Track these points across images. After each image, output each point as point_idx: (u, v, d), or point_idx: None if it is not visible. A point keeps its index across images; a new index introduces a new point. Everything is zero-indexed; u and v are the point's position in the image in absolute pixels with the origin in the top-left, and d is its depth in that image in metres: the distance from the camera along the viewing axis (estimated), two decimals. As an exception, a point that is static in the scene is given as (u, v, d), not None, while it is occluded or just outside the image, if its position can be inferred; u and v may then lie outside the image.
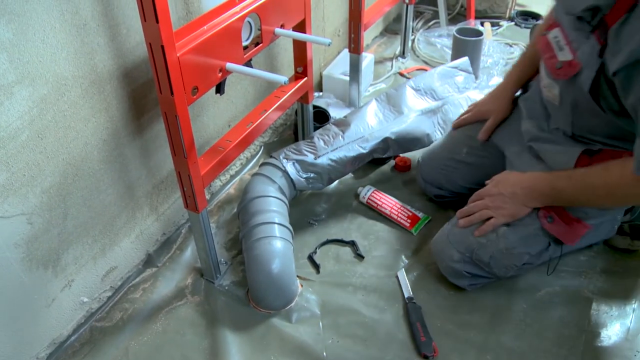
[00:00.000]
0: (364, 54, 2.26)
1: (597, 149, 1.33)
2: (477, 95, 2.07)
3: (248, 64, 1.41)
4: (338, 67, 2.38)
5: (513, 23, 3.16)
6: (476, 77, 2.37)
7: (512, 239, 1.41)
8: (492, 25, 3.08)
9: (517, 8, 3.27)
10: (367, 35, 2.85)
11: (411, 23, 2.72)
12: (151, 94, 1.42)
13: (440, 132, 1.92)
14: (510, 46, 2.88)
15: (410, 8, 2.62)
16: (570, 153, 1.35)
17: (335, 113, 2.11)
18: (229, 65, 1.28)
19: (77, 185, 1.30)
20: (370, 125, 1.83)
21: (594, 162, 1.34)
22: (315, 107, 2.04)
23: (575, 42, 1.19)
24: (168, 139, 1.23)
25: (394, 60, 2.74)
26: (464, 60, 2.15)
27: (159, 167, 1.57)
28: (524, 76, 1.61)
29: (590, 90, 1.16)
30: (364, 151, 1.78)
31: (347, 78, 2.25)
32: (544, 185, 1.31)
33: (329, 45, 1.43)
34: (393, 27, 3.09)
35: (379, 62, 2.72)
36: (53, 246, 1.29)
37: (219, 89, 1.40)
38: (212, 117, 1.73)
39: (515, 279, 1.56)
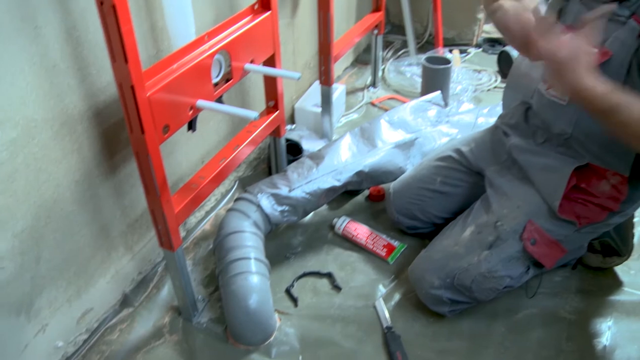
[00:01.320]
0: (335, 85, 2.29)
1: (585, 164, 1.35)
2: (449, 129, 2.11)
3: (219, 100, 1.42)
4: (310, 99, 2.40)
5: (480, 49, 3.23)
6: (446, 104, 2.40)
7: (493, 262, 1.42)
8: (460, 52, 3.14)
9: (484, 35, 3.35)
10: (338, 67, 2.88)
11: (381, 53, 2.76)
12: (123, 132, 1.42)
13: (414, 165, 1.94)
14: (479, 72, 2.94)
15: (379, 38, 2.67)
16: (561, 172, 1.36)
17: (309, 145, 2.12)
18: (200, 103, 1.28)
19: (49, 227, 1.28)
20: (344, 158, 1.85)
21: (579, 181, 1.36)
22: (288, 140, 2.05)
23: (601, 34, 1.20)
24: (140, 178, 1.23)
25: (365, 91, 2.78)
26: (437, 94, 2.19)
27: (133, 205, 1.56)
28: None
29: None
30: (338, 184, 1.79)
31: (320, 110, 2.27)
32: (605, 91, 1.08)
33: (298, 79, 1.45)
34: (363, 58, 3.13)
35: (350, 92, 2.75)
36: (26, 291, 1.27)
37: (191, 126, 1.41)
38: (185, 154, 1.73)
39: (494, 303, 1.57)
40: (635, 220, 1.67)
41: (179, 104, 1.23)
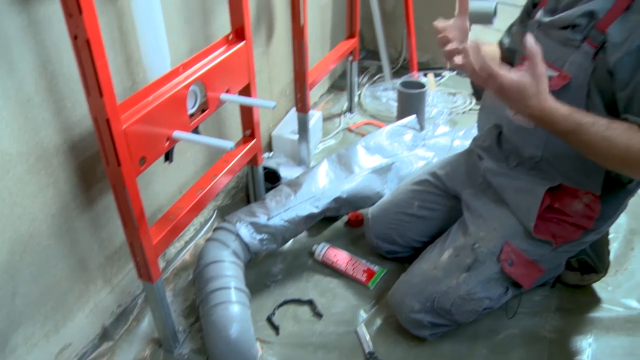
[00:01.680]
0: (311, 112, 2.31)
1: (557, 185, 1.37)
2: (425, 152, 2.13)
3: (195, 130, 1.43)
4: (287, 127, 2.41)
5: (455, 72, 3.27)
6: (422, 128, 2.43)
7: (472, 284, 1.43)
8: (435, 76, 3.18)
9: (458, 58, 3.38)
10: (314, 93, 2.90)
11: (356, 79, 2.79)
12: (100, 165, 1.42)
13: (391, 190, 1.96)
14: (454, 95, 2.98)
15: (354, 65, 2.70)
16: (534, 193, 1.38)
17: (286, 173, 2.13)
18: (176, 134, 1.29)
19: (25, 262, 1.27)
20: (322, 184, 1.86)
21: (553, 201, 1.39)
22: (265, 168, 2.05)
23: (560, 59, 1.25)
24: (118, 210, 1.23)
25: (341, 116, 2.80)
26: (412, 119, 2.22)
27: (111, 238, 1.55)
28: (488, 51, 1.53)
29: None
30: (316, 210, 1.80)
31: (297, 137, 2.29)
32: (567, 113, 1.14)
33: (273, 108, 1.46)
34: (339, 84, 3.16)
35: (327, 118, 2.77)
36: (1, 327, 1.25)
37: (168, 157, 1.41)
38: (163, 185, 1.73)
39: (475, 325, 1.57)
40: (610, 236, 1.69)
41: (155, 136, 1.24)
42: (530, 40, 1.07)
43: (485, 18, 3.47)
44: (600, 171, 1.31)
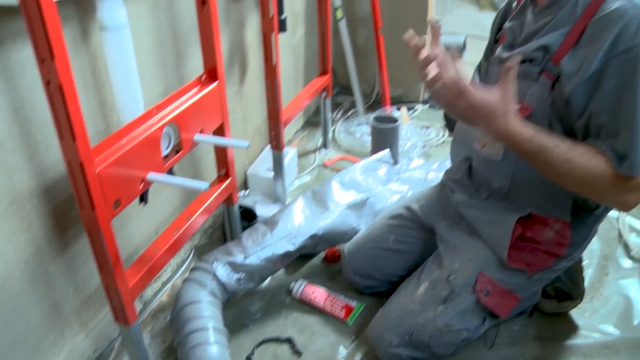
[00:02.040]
0: (286, 149, 2.33)
1: (527, 214, 1.40)
2: (400, 186, 2.15)
3: (170, 171, 1.44)
4: (262, 164, 2.43)
5: (427, 106, 3.33)
6: (396, 162, 2.46)
7: (449, 316, 1.44)
8: (408, 109, 3.23)
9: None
10: (289, 130, 2.93)
11: (330, 115, 2.83)
12: (74, 208, 1.41)
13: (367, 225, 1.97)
14: (427, 128, 3.02)
15: (328, 101, 2.74)
16: (505, 223, 1.41)
17: (263, 211, 2.13)
18: (150, 176, 1.29)
19: (-2, 309, 1.26)
20: (298, 222, 1.87)
21: (524, 230, 1.41)
22: (241, 206, 2.06)
23: (520, 91, 1.26)
24: (93, 253, 1.22)
25: (316, 152, 2.82)
26: (385, 153, 2.25)
27: (86, 281, 1.54)
28: None
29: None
30: (293, 248, 1.80)
31: (272, 175, 2.30)
32: (532, 134, 1.17)
33: (247, 148, 1.47)
34: (314, 120, 3.19)
35: (302, 155, 2.79)
36: (-26, 377, 1.23)
37: (143, 199, 1.41)
38: (138, 227, 1.72)
39: (454, 357, 1.57)
40: (584, 263, 1.72)
41: (129, 178, 1.24)
42: (509, 62, 1.10)
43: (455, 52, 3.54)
44: (568, 198, 1.34)
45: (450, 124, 2.98)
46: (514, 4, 1.45)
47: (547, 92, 1.23)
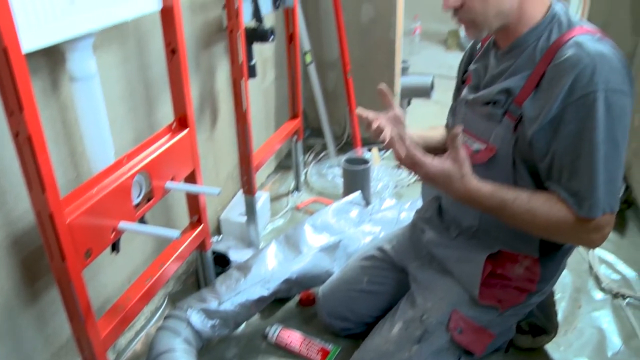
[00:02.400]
0: (258, 193, 2.33)
1: (496, 251, 1.42)
2: (372, 228, 2.17)
3: (142, 220, 1.43)
4: (235, 209, 2.43)
5: (397, 148, 3.35)
6: (368, 203, 2.48)
7: (424, 356, 1.44)
8: (379, 150, 3.26)
9: (399, 133, 3.48)
10: (261, 174, 2.94)
11: (302, 158, 2.85)
12: (44, 259, 1.40)
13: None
14: (398, 168, 3.05)
15: (299, 144, 2.76)
16: (475, 261, 1.43)
17: (236, 256, 2.13)
18: (122, 225, 1.29)
19: (-35, 365, 1.23)
20: (271, 266, 1.87)
21: (494, 267, 1.43)
22: (215, 252, 2.05)
23: (485, 132, 1.33)
24: (63, 304, 1.21)
25: (289, 196, 2.83)
26: (357, 195, 2.27)
27: (57, 333, 1.51)
28: (429, 135, 1.63)
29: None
30: (267, 293, 1.80)
31: (245, 219, 2.30)
32: (491, 191, 1.23)
33: (218, 194, 1.48)
34: (286, 163, 3.21)
35: (275, 198, 2.80)
36: None
37: (115, 248, 1.40)
38: (111, 275, 1.70)
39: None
40: (557, 297, 1.74)
41: (100, 228, 1.23)
42: (454, 130, 1.15)
43: (423, 92, 3.63)
44: (534, 235, 1.37)
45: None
46: (478, 47, 1.49)
47: (510, 133, 1.27)
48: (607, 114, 1.13)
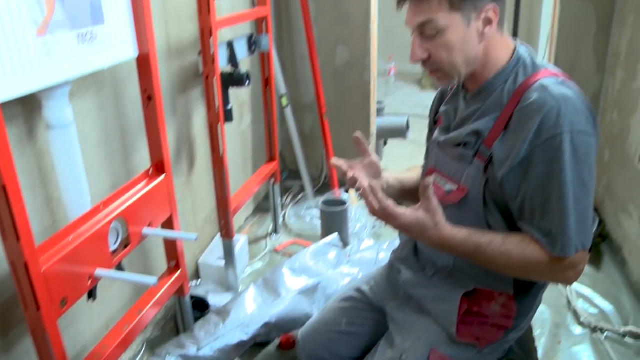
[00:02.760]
0: (236, 237, 2.33)
1: (472, 289, 1.42)
2: (350, 269, 2.17)
3: (119, 266, 1.43)
4: (214, 253, 2.42)
5: (373, 188, 3.38)
6: (346, 244, 2.48)
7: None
8: (357, 191, 3.27)
9: (376, 174, 3.52)
10: (239, 217, 2.94)
11: (279, 200, 2.86)
12: (18, 308, 1.38)
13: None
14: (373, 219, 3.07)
15: (277, 187, 2.78)
16: (451, 299, 1.43)
17: (215, 300, 2.12)
18: (98, 272, 1.28)
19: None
20: (250, 311, 1.87)
21: (471, 305, 1.43)
22: (193, 296, 2.04)
23: (457, 173, 1.35)
24: (38, 355, 1.19)
25: (267, 238, 2.83)
26: (334, 237, 2.28)
27: (32, 385, 1.48)
28: (406, 178, 1.64)
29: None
30: (246, 337, 1.79)
31: (223, 263, 2.29)
32: (465, 236, 1.25)
33: (195, 240, 1.48)
34: (264, 205, 3.21)
35: (253, 241, 2.80)
36: None
37: (91, 295, 1.39)
38: (87, 323, 1.68)
39: None
40: (536, 333, 1.75)
41: (76, 276, 1.23)
42: (425, 180, 1.18)
43: (399, 132, 3.68)
44: None
45: (398, 203, 3.04)
46: (449, 89, 1.53)
47: (480, 174, 1.30)
48: (573, 154, 1.16)
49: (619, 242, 2.51)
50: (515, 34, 3.22)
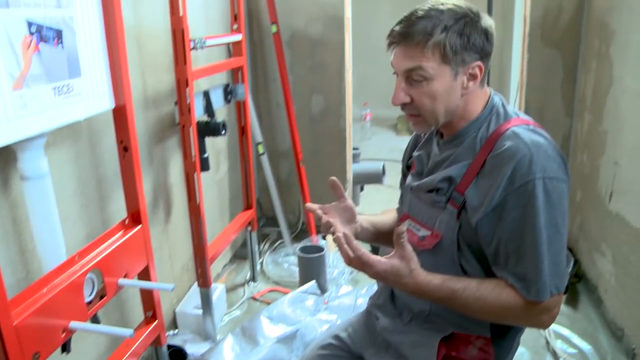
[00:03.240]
0: (214, 285, 2.32)
1: (449, 334, 1.43)
2: (328, 316, 2.17)
3: (94, 317, 1.41)
4: (191, 301, 2.40)
5: (351, 233, 3.39)
6: (324, 290, 2.48)
7: None
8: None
9: (353, 218, 3.54)
10: (217, 264, 2.92)
11: (257, 248, 2.86)
12: (-10, 364, 1.36)
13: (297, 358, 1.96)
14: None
15: (254, 235, 2.78)
16: (429, 345, 1.43)
17: (193, 349, 2.09)
18: (73, 325, 1.27)
19: None
20: (228, 360, 1.85)
21: (448, 350, 1.43)
22: (171, 346, 2.01)
23: (430, 219, 1.36)
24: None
25: (245, 286, 2.81)
26: (312, 284, 2.28)
27: None
28: (377, 224, 1.64)
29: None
30: (224, 388, 1.77)
31: (201, 312, 2.27)
32: (440, 282, 1.25)
33: (171, 290, 1.48)
34: (241, 253, 3.20)
35: (231, 289, 2.78)
36: None
37: (65, 348, 1.37)
38: (61, 377, 1.65)
39: None
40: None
41: (50, 328, 1.21)
42: (399, 228, 1.19)
43: (375, 178, 3.71)
44: None
45: (375, 248, 3.05)
46: (422, 134, 1.55)
47: (454, 220, 1.32)
48: (546, 200, 1.18)
49: (594, 282, 2.54)
50: (487, 81, 3.29)
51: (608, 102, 2.43)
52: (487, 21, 1.26)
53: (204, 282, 2.17)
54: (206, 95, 2.28)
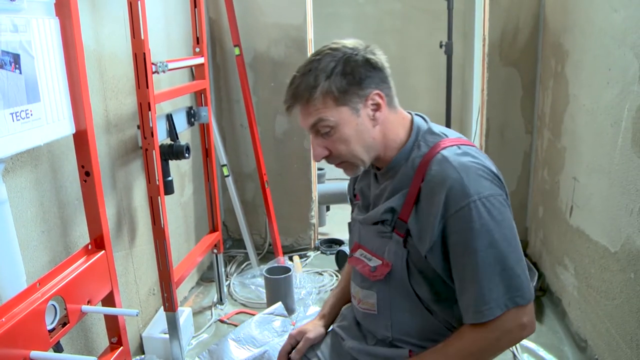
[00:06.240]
0: (180, 309, 2.29)
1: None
2: (295, 337, 2.16)
3: (57, 346, 1.39)
4: (158, 325, 2.37)
5: (319, 252, 3.41)
6: (292, 311, 2.47)
7: None
8: (301, 257, 3.30)
9: (320, 237, 3.56)
10: (184, 287, 2.89)
11: (223, 270, 2.84)
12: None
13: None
14: (321, 274, 3.09)
15: (220, 257, 2.76)
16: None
17: (159, 375, 2.06)
18: (34, 354, 1.24)
19: None
20: (195, 385, 1.82)
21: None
22: (136, 373, 1.98)
23: (379, 249, 1.36)
24: None
25: (212, 309, 2.79)
26: (278, 306, 2.27)
27: None
28: (338, 303, 1.69)
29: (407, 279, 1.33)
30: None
31: (168, 336, 2.24)
32: None
33: (136, 315, 1.46)
34: (208, 275, 3.18)
35: (198, 312, 2.75)
36: None
37: (27, 378, 1.34)
38: (23, 408, 1.61)
39: None
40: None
41: (9, 359, 1.18)
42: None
43: (341, 198, 3.72)
44: (444, 336, 1.40)
45: (342, 268, 3.06)
46: None
47: (401, 247, 1.32)
48: (490, 218, 1.19)
49: (558, 294, 2.58)
50: (448, 100, 3.35)
51: (565, 119, 2.49)
52: (368, 51, 1.27)
53: (170, 306, 2.15)
54: (169, 118, 2.27)
